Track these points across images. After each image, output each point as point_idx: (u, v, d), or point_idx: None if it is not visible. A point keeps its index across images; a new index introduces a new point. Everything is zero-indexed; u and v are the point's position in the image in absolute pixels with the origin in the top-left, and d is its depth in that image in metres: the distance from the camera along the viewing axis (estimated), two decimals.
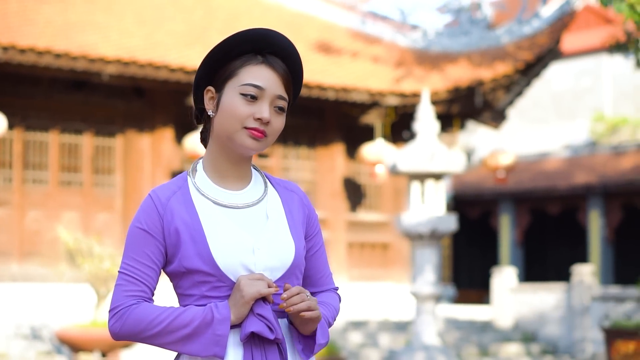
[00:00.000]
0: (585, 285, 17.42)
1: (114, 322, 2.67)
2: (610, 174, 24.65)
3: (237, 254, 2.66)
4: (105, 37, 16.23)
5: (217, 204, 2.73)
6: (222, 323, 2.61)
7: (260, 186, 2.83)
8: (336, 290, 2.97)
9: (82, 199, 16.69)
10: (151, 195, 2.73)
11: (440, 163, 12.37)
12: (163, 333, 2.63)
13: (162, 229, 2.69)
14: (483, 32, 19.82)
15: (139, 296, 2.68)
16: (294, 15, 20.28)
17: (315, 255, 2.90)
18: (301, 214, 2.85)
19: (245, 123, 2.68)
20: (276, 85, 2.72)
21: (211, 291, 2.68)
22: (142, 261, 2.69)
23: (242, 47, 2.73)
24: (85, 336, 11.69)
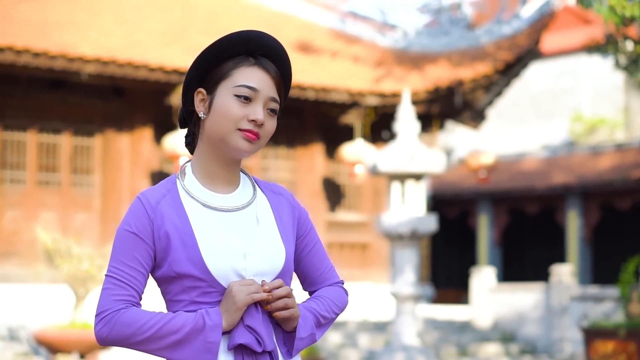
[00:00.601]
0: (564, 285, 17.47)
1: (101, 327, 2.62)
2: (588, 174, 24.73)
3: (228, 258, 2.63)
4: (84, 36, 16.15)
5: (207, 207, 2.69)
6: (214, 330, 2.58)
7: (249, 189, 2.81)
8: (340, 284, 2.95)
9: (60, 199, 16.60)
10: (140, 199, 2.68)
11: (420, 163, 12.38)
12: (152, 339, 2.58)
13: (152, 233, 2.65)
14: (463, 32, 19.84)
15: (128, 300, 2.63)
16: (273, 15, 20.25)
17: (311, 253, 2.89)
18: (290, 217, 2.83)
19: (240, 125, 2.66)
20: (269, 87, 2.70)
21: (201, 297, 2.64)
22: (131, 265, 2.64)
23: (235, 49, 2.71)
24: (64, 337, 11.62)
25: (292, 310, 2.65)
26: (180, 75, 16.12)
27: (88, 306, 12.28)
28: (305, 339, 2.71)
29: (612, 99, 30.38)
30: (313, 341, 2.76)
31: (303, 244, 2.87)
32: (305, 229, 2.87)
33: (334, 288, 2.92)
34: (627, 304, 13.75)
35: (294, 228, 2.82)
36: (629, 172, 23.36)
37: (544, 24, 19.51)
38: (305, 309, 2.77)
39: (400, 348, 12.33)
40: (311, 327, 2.74)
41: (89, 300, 12.46)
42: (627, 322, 13.59)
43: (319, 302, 2.83)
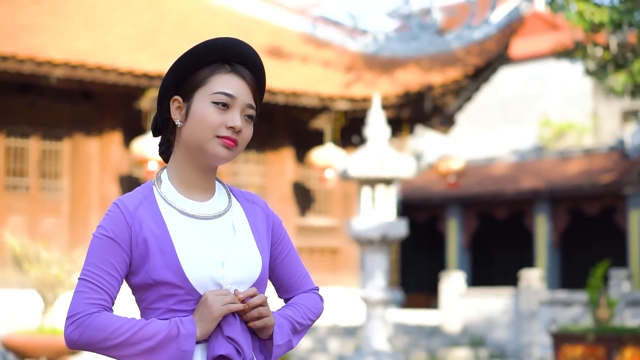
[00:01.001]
0: (533, 289, 17.55)
1: (72, 330, 2.58)
2: (556, 178, 24.85)
3: (206, 267, 2.62)
4: (53, 40, 16.06)
5: (184, 214, 2.68)
6: (188, 338, 2.56)
7: (224, 197, 2.80)
8: (315, 290, 2.95)
9: (28, 203, 16.50)
10: (118, 204, 2.66)
11: (390, 168, 12.39)
12: (125, 344, 2.55)
13: (129, 239, 2.62)
14: (433, 37, 19.90)
15: (101, 305, 2.60)
16: (243, 19, 20.23)
17: (285, 260, 2.88)
18: (265, 225, 2.82)
19: (218, 132, 2.65)
20: (246, 93, 2.70)
21: (178, 304, 2.62)
22: (106, 269, 2.61)
23: (211, 56, 2.70)
24: (32, 343, 11.54)
25: (266, 319, 2.65)
26: (150, 79, 16.06)
27: (57, 311, 12.20)
28: (282, 346, 2.71)
29: (581, 104, 30.58)
30: (290, 348, 2.76)
31: (277, 251, 2.86)
32: (279, 236, 2.87)
33: (309, 295, 2.92)
34: (595, 309, 13.82)
35: (268, 236, 2.82)
36: (597, 177, 23.49)
37: (513, 30, 19.60)
38: (281, 316, 2.76)
39: (371, 353, 12.33)
40: (287, 334, 2.73)
41: (58, 305, 12.38)
42: (596, 327, 13.66)
43: (295, 309, 2.82)
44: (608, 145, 25.44)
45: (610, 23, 13.32)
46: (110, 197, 16.88)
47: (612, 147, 24.98)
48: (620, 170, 23.28)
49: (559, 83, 31.18)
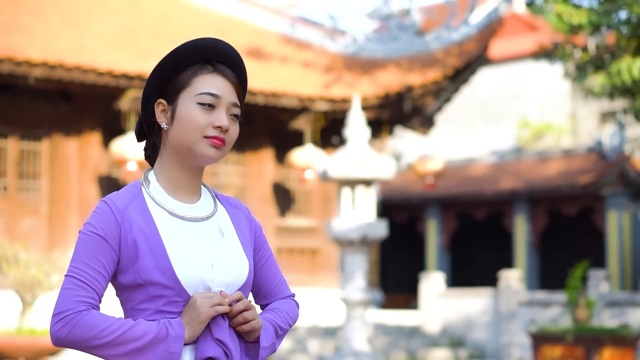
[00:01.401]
0: (512, 290, 17.59)
1: (59, 327, 2.55)
2: (535, 179, 24.94)
3: (197, 268, 2.62)
4: (32, 40, 15.98)
5: (173, 216, 2.68)
6: (177, 340, 2.56)
7: (210, 201, 2.81)
8: (292, 297, 2.97)
9: (6, 203, 16.41)
10: (107, 202, 2.65)
11: (371, 169, 12.39)
12: (113, 344, 2.54)
13: (118, 238, 2.61)
14: (412, 38, 19.93)
15: (89, 303, 2.57)
16: (223, 20, 20.20)
17: (265, 266, 2.89)
18: (248, 230, 2.84)
19: (205, 132, 2.65)
20: (230, 92, 2.70)
21: (167, 306, 2.61)
22: (94, 267, 2.59)
23: (192, 58, 2.70)
24: (10, 343, 11.48)
25: (253, 322, 2.66)
26: (129, 79, 16.01)
27: (35, 312, 12.15)
28: (267, 348, 2.72)
29: (559, 106, 30.70)
30: (274, 351, 2.77)
31: (257, 257, 2.87)
32: (260, 242, 2.88)
33: (287, 301, 2.93)
34: (574, 309, 13.87)
35: (252, 241, 2.83)
36: (576, 177, 23.59)
37: (492, 31, 19.65)
38: (265, 319, 2.77)
39: (351, 353, 12.33)
40: (272, 336, 2.75)
41: (36, 306, 12.33)
42: (575, 327, 13.71)
43: (276, 314, 2.83)
44: (586, 146, 25.55)
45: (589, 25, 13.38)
46: (89, 198, 16.82)
47: (590, 148, 25.09)
48: (598, 171, 23.39)
49: (537, 84, 31.30)
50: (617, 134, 23.18)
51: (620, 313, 16.25)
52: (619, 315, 16.23)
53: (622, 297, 16.68)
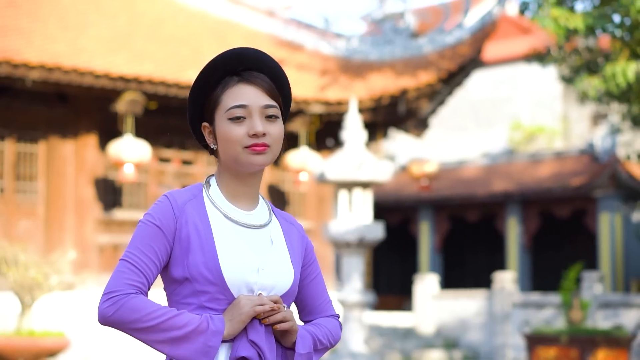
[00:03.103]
0: (506, 292, 17.70)
1: (107, 306, 2.66)
2: (527, 181, 25.05)
3: (242, 270, 2.73)
4: (29, 42, 16.03)
5: (228, 219, 2.80)
6: (216, 335, 2.66)
7: (266, 212, 2.91)
8: (336, 317, 3.04)
9: (3, 205, 16.45)
10: (168, 197, 2.78)
11: (368, 172, 12.50)
12: (155, 330, 2.64)
13: (174, 231, 2.74)
14: (406, 41, 20.02)
15: (138, 287, 2.69)
16: (218, 22, 20.26)
17: (312, 283, 2.99)
18: (299, 245, 2.94)
19: (243, 143, 2.75)
20: (259, 97, 2.78)
21: (209, 302, 2.73)
22: (148, 254, 2.72)
23: (216, 75, 2.80)
24: (9, 345, 11.55)
25: (290, 322, 2.75)
26: (126, 82, 16.08)
27: (34, 314, 12.21)
28: (304, 355, 2.80)
29: (551, 108, 30.82)
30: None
31: (306, 273, 2.97)
32: (310, 259, 2.98)
33: (331, 319, 3.01)
34: (568, 311, 13.98)
35: (301, 256, 2.93)
36: (568, 180, 23.72)
37: (486, 34, 19.76)
38: (304, 329, 2.86)
39: (348, 355, 12.43)
40: (310, 345, 2.83)
41: (35, 308, 12.39)
42: (569, 329, 13.82)
43: (317, 327, 2.92)
44: (578, 149, 25.68)
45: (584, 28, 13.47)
46: (86, 200, 16.87)
47: (582, 150, 25.21)
48: (590, 173, 23.52)
49: (529, 86, 31.43)
50: (609, 137, 23.31)
51: (614, 314, 16.38)
52: (612, 316, 16.35)
53: (616, 298, 16.80)
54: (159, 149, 17.87)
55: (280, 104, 2.84)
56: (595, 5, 14.41)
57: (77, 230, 16.77)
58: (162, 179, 18.09)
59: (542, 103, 31.16)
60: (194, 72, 17.18)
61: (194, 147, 18.42)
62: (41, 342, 11.66)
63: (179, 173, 18.27)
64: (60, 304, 14.87)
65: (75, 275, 13.70)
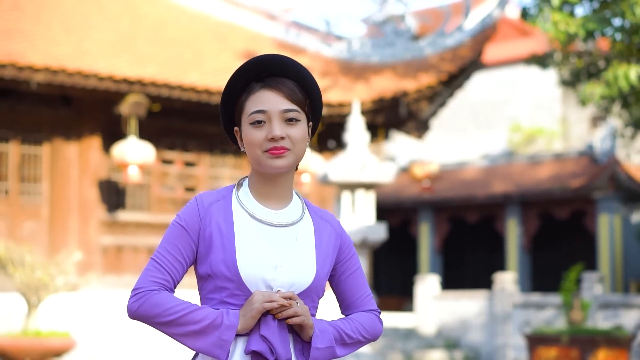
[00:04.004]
0: (507, 292, 17.81)
1: (133, 302, 2.88)
2: (527, 183, 25.16)
3: (259, 268, 2.86)
4: (33, 45, 16.13)
5: (253, 218, 2.93)
6: (229, 329, 2.81)
7: (298, 210, 3.02)
8: (374, 312, 3.13)
9: (7, 207, 16.57)
10: (196, 198, 2.95)
11: (371, 173, 12.62)
12: (174, 324, 2.83)
13: (198, 230, 2.91)
14: (407, 43, 20.13)
15: (162, 284, 2.89)
16: (220, 25, 20.37)
17: (350, 278, 3.08)
18: (333, 242, 3.03)
19: (263, 147, 2.88)
20: (278, 101, 2.91)
21: (229, 298, 2.87)
22: (173, 253, 2.90)
23: (241, 81, 2.95)
24: (16, 345, 11.65)
25: (302, 317, 2.86)
26: (130, 84, 16.20)
27: (40, 314, 12.31)
28: (322, 349, 2.91)
29: (550, 110, 30.94)
30: (333, 356, 2.95)
31: (343, 269, 3.07)
32: (347, 255, 3.07)
33: (367, 314, 3.11)
34: (569, 311, 14.08)
35: (334, 253, 3.02)
36: (567, 181, 23.83)
37: (486, 36, 19.87)
38: (328, 324, 2.97)
39: (351, 354, 12.54)
40: (330, 340, 2.94)
41: (42, 308, 12.49)
42: (570, 329, 13.91)
43: (346, 322, 3.03)
44: (578, 150, 25.79)
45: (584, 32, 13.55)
46: (89, 201, 16.98)
47: (581, 152, 25.33)
48: (589, 175, 23.64)
49: (528, 88, 31.54)
50: (608, 138, 23.43)
51: (614, 315, 16.49)
52: (612, 317, 16.46)
53: (616, 299, 16.91)
54: (162, 151, 17.99)
55: (305, 108, 2.95)
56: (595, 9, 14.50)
57: (81, 232, 16.88)
58: (165, 181, 18.21)
59: (542, 105, 31.29)
60: (196, 74, 17.31)
61: (196, 149, 18.54)
62: (47, 342, 11.77)
63: (181, 175, 18.38)
64: (66, 305, 14.98)
65: (79, 277, 13.82)
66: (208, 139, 18.50)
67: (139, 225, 17.64)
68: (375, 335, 3.12)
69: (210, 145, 18.55)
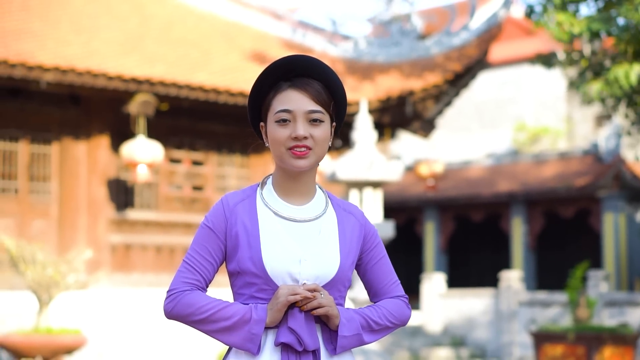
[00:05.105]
0: (513, 290, 17.90)
1: (167, 303, 3.02)
2: (532, 182, 25.23)
3: (284, 262, 2.97)
4: (42, 45, 16.24)
5: (277, 216, 3.04)
6: (258, 324, 2.94)
7: (321, 205, 3.12)
8: (401, 297, 3.22)
9: (17, 205, 16.67)
10: (222, 200, 3.07)
11: (378, 172, 12.68)
12: (207, 321, 2.97)
13: (225, 230, 3.04)
14: (413, 43, 20.21)
15: (193, 284, 3.02)
16: (227, 25, 20.47)
17: (375, 266, 3.19)
18: (357, 233, 3.13)
19: (286, 144, 2.99)
20: (304, 102, 3.01)
21: (258, 293, 3.00)
22: (203, 254, 3.04)
23: (270, 79, 3.05)
24: (28, 342, 11.75)
25: (326, 308, 2.96)
26: (139, 84, 16.30)
27: (52, 312, 12.42)
28: (348, 337, 3.02)
29: (555, 109, 30.99)
30: (361, 342, 3.06)
31: (368, 258, 3.17)
32: (371, 244, 3.17)
33: (394, 300, 3.20)
34: (575, 309, 14.17)
35: (358, 243, 3.13)
36: (572, 180, 23.91)
37: (492, 36, 19.96)
38: (355, 312, 3.07)
39: (359, 352, 12.61)
40: (356, 328, 3.04)
41: (53, 306, 12.60)
42: (576, 326, 14.00)
43: (373, 309, 3.13)
44: (582, 149, 25.86)
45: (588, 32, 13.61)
46: (98, 200, 17.09)
47: (586, 150, 25.40)
48: (594, 174, 23.71)
49: (533, 87, 31.60)
50: (613, 137, 23.50)
51: (619, 312, 16.58)
52: (618, 314, 16.55)
53: (621, 296, 17.00)
54: (170, 150, 18.10)
55: (329, 109, 3.06)
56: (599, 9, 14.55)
57: (90, 230, 16.98)
58: (173, 180, 18.31)
59: (546, 104, 31.35)
60: (204, 73, 17.41)
61: (204, 148, 18.65)
62: (58, 340, 11.87)
63: (189, 173, 18.48)
64: (76, 303, 15.09)
65: (88, 275, 13.92)
66: (216, 138, 18.60)
67: (148, 224, 17.75)
68: (404, 320, 3.20)
69: (217, 144, 18.66)
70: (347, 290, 3.12)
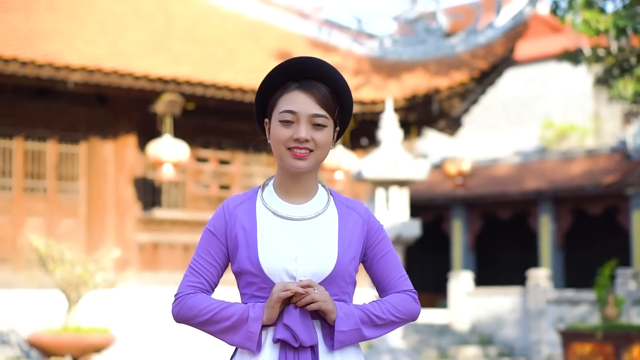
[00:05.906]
0: (541, 288, 17.84)
1: (174, 307, 3.08)
2: (559, 179, 25.14)
3: (281, 260, 2.99)
4: (69, 46, 16.35)
5: (276, 215, 3.06)
6: (255, 322, 2.96)
7: (323, 202, 3.13)
8: (408, 292, 3.18)
9: (46, 205, 16.79)
10: (223, 203, 3.13)
11: (404, 170, 12.69)
12: (210, 322, 3.01)
13: (225, 233, 3.08)
14: (439, 41, 20.19)
15: (197, 287, 3.07)
16: (252, 24, 20.52)
17: (381, 261, 3.16)
18: (358, 229, 3.12)
19: (288, 145, 3.00)
20: (310, 105, 3.02)
21: (258, 291, 3.03)
22: (206, 258, 3.10)
23: (278, 78, 3.06)
24: (57, 341, 11.84)
25: (319, 303, 2.95)
26: (165, 83, 16.39)
27: (80, 310, 12.50)
28: (346, 332, 3.00)
29: (582, 106, 30.87)
30: (362, 337, 3.04)
31: (373, 253, 3.16)
32: (376, 239, 3.16)
33: (400, 294, 3.16)
34: (603, 307, 14.10)
35: (360, 238, 3.11)
36: (600, 177, 23.80)
37: (518, 33, 19.91)
38: (355, 307, 3.05)
39: (387, 350, 12.64)
40: (355, 322, 3.02)
41: (82, 304, 12.68)
42: (604, 325, 13.93)
43: (376, 304, 3.09)
44: (610, 146, 25.74)
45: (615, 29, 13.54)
46: (126, 199, 17.19)
47: (614, 148, 25.28)
48: (622, 171, 23.59)
49: (560, 85, 31.49)
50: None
51: None
52: None
53: None
54: (197, 149, 18.17)
55: (334, 114, 3.06)
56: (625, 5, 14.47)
57: (118, 229, 17.08)
58: (199, 179, 18.38)
59: (574, 101, 31.23)
60: (230, 73, 17.46)
61: (230, 147, 18.70)
62: (87, 338, 11.95)
63: (216, 172, 18.54)
64: (104, 301, 15.18)
65: (116, 273, 14.01)
66: (242, 137, 18.64)
67: (175, 223, 17.82)
68: (411, 315, 3.17)
69: (244, 143, 18.70)
70: (353, 286, 3.10)
